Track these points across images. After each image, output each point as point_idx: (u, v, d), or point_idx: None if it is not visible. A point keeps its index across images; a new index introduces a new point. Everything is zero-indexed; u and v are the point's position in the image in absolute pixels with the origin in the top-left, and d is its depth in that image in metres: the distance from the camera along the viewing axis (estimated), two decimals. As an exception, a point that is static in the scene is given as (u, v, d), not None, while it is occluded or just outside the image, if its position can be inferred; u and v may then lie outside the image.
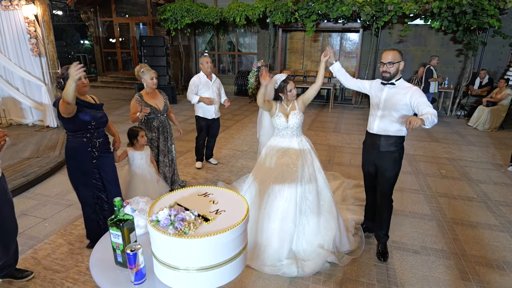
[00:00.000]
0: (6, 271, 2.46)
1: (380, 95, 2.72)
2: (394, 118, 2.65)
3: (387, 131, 2.71)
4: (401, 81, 2.65)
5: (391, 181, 2.80)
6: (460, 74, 9.34)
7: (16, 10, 5.90)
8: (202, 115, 4.61)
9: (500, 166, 5.14)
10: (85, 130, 2.59)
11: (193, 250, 1.25)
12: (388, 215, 2.89)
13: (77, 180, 2.72)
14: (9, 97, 6.59)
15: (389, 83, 2.65)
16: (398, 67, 2.60)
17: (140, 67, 3.57)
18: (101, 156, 2.74)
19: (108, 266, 1.48)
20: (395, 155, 2.74)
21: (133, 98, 3.51)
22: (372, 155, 2.87)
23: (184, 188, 1.64)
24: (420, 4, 7.98)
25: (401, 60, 2.60)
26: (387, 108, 2.67)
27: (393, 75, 2.62)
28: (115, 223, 1.41)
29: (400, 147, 2.75)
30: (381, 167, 2.82)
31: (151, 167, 3.44)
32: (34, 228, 3.27)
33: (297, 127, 2.93)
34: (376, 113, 2.76)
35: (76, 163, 2.66)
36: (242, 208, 1.43)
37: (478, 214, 3.66)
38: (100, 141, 2.72)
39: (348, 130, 7.22)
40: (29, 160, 4.81)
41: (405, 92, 2.59)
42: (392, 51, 2.60)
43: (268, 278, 2.59)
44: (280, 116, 2.90)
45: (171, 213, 1.30)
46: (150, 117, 3.56)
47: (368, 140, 2.93)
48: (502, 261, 2.86)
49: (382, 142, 2.75)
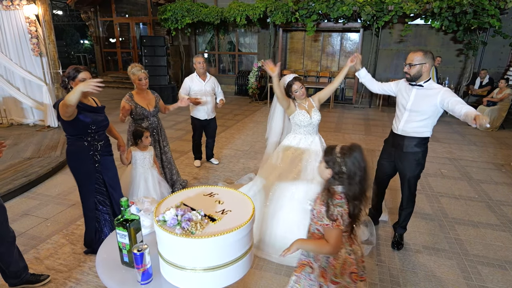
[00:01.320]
0: (20, 278, 2.41)
1: (408, 96, 2.68)
2: (420, 119, 2.63)
3: (412, 132, 2.70)
4: (430, 83, 2.60)
5: (413, 181, 2.82)
6: (461, 74, 9.34)
7: (17, 10, 5.90)
8: (194, 115, 4.61)
9: (501, 166, 5.14)
10: (85, 133, 2.54)
11: (200, 250, 1.25)
12: (411, 211, 2.97)
13: (81, 182, 2.69)
14: (10, 97, 6.58)
15: (418, 84, 2.61)
16: (421, 69, 2.54)
17: (132, 66, 3.50)
18: (103, 159, 2.70)
19: (114, 266, 1.49)
20: (419, 156, 2.74)
21: (124, 97, 3.47)
22: (394, 154, 2.88)
23: (188, 189, 1.64)
24: (420, 4, 7.99)
25: (425, 62, 2.52)
26: (414, 109, 2.64)
27: (414, 76, 2.58)
28: (122, 223, 1.41)
29: (425, 148, 2.75)
30: (402, 167, 2.83)
31: (153, 168, 3.44)
32: (36, 228, 3.27)
33: (317, 124, 3.01)
34: (402, 114, 2.74)
35: (78, 167, 2.62)
36: (248, 208, 1.44)
37: (480, 213, 3.67)
38: (102, 143, 2.68)
39: (348, 130, 7.22)
40: (30, 160, 4.81)
41: (435, 93, 2.54)
42: (416, 53, 2.55)
43: (270, 278, 2.60)
44: (304, 113, 2.94)
45: (178, 213, 1.30)
46: (138, 118, 3.51)
47: (391, 139, 2.93)
48: (504, 261, 2.86)
49: (406, 143, 2.74)
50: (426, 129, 2.67)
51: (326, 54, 10.91)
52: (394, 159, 2.89)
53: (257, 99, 10.35)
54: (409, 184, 2.84)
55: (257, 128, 7.22)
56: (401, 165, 2.84)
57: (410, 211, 2.97)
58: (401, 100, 2.75)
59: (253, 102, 10.25)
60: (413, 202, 2.94)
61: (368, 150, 5.79)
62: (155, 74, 9.54)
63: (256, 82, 10.07)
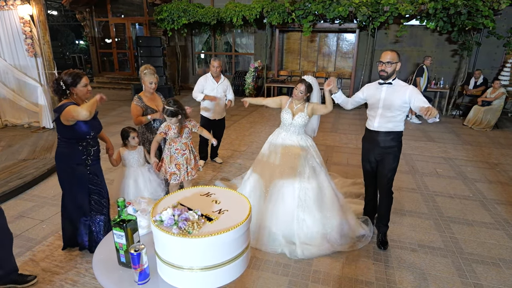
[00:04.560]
0: (8, 278, 2.41)
1: (379, 95, 2.88)
2: (393, 115, 2.83)
3: (387, 127, 2.88)
4: (397, 81, 2.85)
5: (390, 174, 2.96)
6: (455, 74, 9.42)
7: (11, 10, 5.87)
8: (204, 114, 4.72)
9: (495, 165, 5.19)
10: (83, 139, 2.54)
11: (197, 249, 1.26)
12: (388, 206, 3.06)
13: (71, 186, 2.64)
14: (5, 98, 6.54)
15: (387, 82, 2.83)
16: (395, 68, 2.79)
17: (145, 67, 3.49)
18: (93, 164, 2.68)
19: (111, 266, 1.49)
20: (395, 150, 2.92)
21: (133, 100, 3.46)
22: (372, 150, 3.03)
23: (185, 189, 1.64)
24: (415, 5, 8.04)
25: (399, 62, 2.79)
26: (386, 106, 2.84)
27: (390, 74, 2.79)
28: (118, 224, 1.41)
29: (399, 141, 2.94)
30: (381, 161, 2.99)
31: (144, 166, 3.47)
32: (32, 230, 3.26)
33: (300, 126, 3.16)
34: (375, 112, 2.93)
35: (70, 170, 2.58)
36: (244, 208, 1.44)
37: (474, 212, 3.71)
38: (95, 149, 2.67)
39: (345, 130, 7.26)
40: (25, 161, 4.79)
41: (403, 90, 2.78)
42: (391, 52, 2.78)
43: (267, 278, 2.60)
44: (288, 112, 3.17)
45: (174, 213, 1.31)
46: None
47: (367, 136, 3.09)
48: (498, 258, 2.89)
49: (382, 138, 2.92)
50: (399, 124, 2.87)
51: (323, 54, 10.95)
52: (374, 156, 3.04)
53: (253, 99, 10.34)
54: (386, 179, 2.97)
55: (254, 129, 7.23)
56: (379, 160, 3.01)
57: (388, 206, 3.05)
58: (372, 100, 2.95)
59: (250, 103, 10.24)
60: (390, 197, 3.03)
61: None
62: (151, 74, 9.51)
63: (253, 83, 10.08)
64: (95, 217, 2.77)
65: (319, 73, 10.72)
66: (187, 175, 3.28)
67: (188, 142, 3.26)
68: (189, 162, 3.28)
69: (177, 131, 3.13)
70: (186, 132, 3.20)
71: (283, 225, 3.00)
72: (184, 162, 3.23)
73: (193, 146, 3.34)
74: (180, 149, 3.21)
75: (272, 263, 2.78)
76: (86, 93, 2.52)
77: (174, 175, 3.22)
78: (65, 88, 2.42)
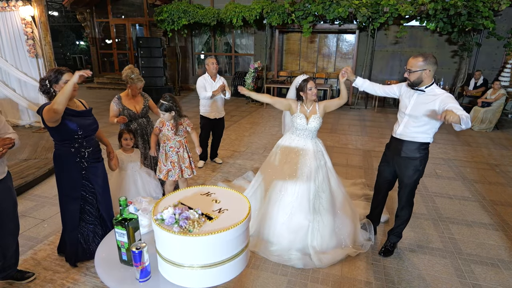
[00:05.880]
0: (6, 272, 2.46)
1: (408, 101, 2.63)
2: (419, 124, 2.57)
3: (410, 136, 2.63)
4: (432, 88, 2.51)
5: (410, 188, 2.74)
6: (455, 75, 9.44)
7: (13, 11, 5.90)
8: (204, 114, 4.72)
9: (495, 166, 5.21)
10: (72, 139, 2.39)
11: (197, 247, 1.28)
12: (406, 218, 2.87)
13: (64, 190, 2.55)
14: (6, 98, 6.57)
15: (419, 89, 2.55)
16: (422, 75, 2.47)
17: (132, 71, 3.47)
18: (91, 167, 2.54)
19: (113, 264, 1.51)
20: (416, 162, 2.65)
21: (113, 100, 3.51)
22: (393, 159, 2.82)
23: (185, 188, 1.66)
24: (415, 6, 8.07)
25: (426, 68, 2.44)
26: (413, 114, 2.58)
27: (414, 82, 2.52)
28: (120, 222, 1.43)
29: (424, 153, 2.66)
30: (400, 172, 2.77)
31: (141, 169, 3.50)
32: (33, 229, 3.28)
33: (314, 130, 3.01)
34: (402, 118, 2.70)
35: (64, 172, 2.48)
36: (244, 207, 1.46)
37: (473, 213, 3.72)
38: (90, 151, 2.50)
39: (344, 131, 7.27)
40: (26, 161, 4.81)
41: (435, 98, 2.47)
42: (416, 58, 2.47)
43: (266, 278, 2.62)
44: (302, 117, 2.96)
45: (175, 212, 1.33)
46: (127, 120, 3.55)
47: (390, 143, 2.89)
48: (496, 259, 2.91)
49: (404, 148, 2.68)
50: (426, 135, 2.59)
51: (322, 55, 10.98)
52: (393, 165, 2.84)
53: (253, 100, 10.38)
54: (405, 191, 2.77)
55: (254, 129, 7.25)
56: (398, 171, 2.79)
57: (406, 218, 2.87)
58: (402, 104, 2.70)
59: (250, 103, 10.28)
60: (409, 210, 2.84)
61: (364, 151, 5.83)
62: (152, 75, 9.55)
63: (253, 83, 10.10)
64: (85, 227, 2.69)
65: (318, 74, 10.75)
66: (181, 174, 3.33)
67: (183, 140, 3.32)
68: (183, 160, 3.34)
69: (170, 127, 3.21)
70: (181, 130, 3.27)
71: (296, 235, 2.87)
72: (178, 159, 3.30)
73: (187, 146, 3.39)
74: (174, 147, 3.29)
75: (271, 262, 2.79)
76: (72, 91, 2.24)
77: (170, 172, 3.31)
78: (49, 86, 2.33)
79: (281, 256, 2.81)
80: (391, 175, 2.92)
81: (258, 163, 5.15)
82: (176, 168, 3.31)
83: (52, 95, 2.37)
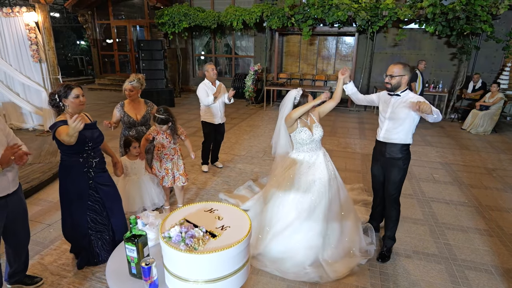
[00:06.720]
0: (16, 278, 2.56)
1: (387, 106, 2.89)
2: (398, 127, 2.83)
3: (392, 139, 2.89)
4: (406, 93, 2.81)
5: (395, 186, 2.96)
6: (454, 77, 9.51)
7: (17, 17, 5.99)
8: (207, 120, 4.77)
9: (492, 171, 5.29)
10: (82, 151, 2.49)
11: (202, 264, 1.37)
12: (395, 218, 3.05)
13: (70, 202, 2.62)
14: (10, 102, 6.67)
15: (395, 94, 2.82)
16: (401, 80, 2.76)
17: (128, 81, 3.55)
18: (97, 176, 2.63)
19: (123, 277, 1.60)
20: (399, 162, 2.91)
21: (115, 106, 3.62)
22: (379, 161, 3.07)
23: (190, 204, 1.75)
24: (414, 10, 8.14)
25: (405, 74, 2.74)
26: (392, 118, 2.84)
27: (394, 86, 2.79)
28: (130, 239, 1.52)
29: (405, 154, 2.92)
30: (387, 172, 3.01)
31: (145, 176, 3.60)
32: (40, 234, 3.36)
33: (319, 139, 3.02)
34: (383, 122, 2.95)
35: (70, 183, 2.56)
36: (245, 224, 1.56)
37: (469, 219, 3.80)
38: (97, 161, 2.61)
39: (343, 134, 7.35)
40: (31, 165, 4.89)
41: (410, 101, 2.72)
42: (397, 65, 2.76)
43: (266, 283, 2.70)
44: (306, 131, 2.92)
45: (182, 230, 1.42)
46: (126, 126, 3.65)
47: (375, 146, 3.13)
48: (490, 265, 3.00)
49: (387, 149, 2.93)
50: (405, 136, 2.85)
51: (322, 57, 11.05)
52: (380, 165, 3.07)
53: (253, 102, 10.46)
54: (390, 190, 2.98)
55: (254, 132, 7.33)
56: (385, 170, 3.03)
57: (395, 218, 3.04)
58: (382, 110, 2.96)
59: (250, 105, 10.36)
60: (397, 208, 3.02)
61: (362, 155, 5.92)
62: (153, 77, 9.62)
63: (253, 85, 10.17)
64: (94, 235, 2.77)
65: (318, 76, 10.84)
66: (174, 181, 3.48)
67: (177, 147, 3.48)
68: (178, 168, 3.49)
69: (165, 136, 3.38)
70: (175, 138, 3.42)
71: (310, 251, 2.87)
72: (173, 166, 3.47)
73: (181, 153, 3.54)
74: (169, 154, 3.45)
75: (272, 269, 2.88)
76: (79, 105, 2.43)
77: (164, 179, 3.50)
78: (59, 101, 2.41)
79: (296, 273, 2.76)
80: (382, 176, 3.12)
81: (258, 167, 5.23)
82: (170, 175, 3.49)
83: (61, 108, 2.46)
